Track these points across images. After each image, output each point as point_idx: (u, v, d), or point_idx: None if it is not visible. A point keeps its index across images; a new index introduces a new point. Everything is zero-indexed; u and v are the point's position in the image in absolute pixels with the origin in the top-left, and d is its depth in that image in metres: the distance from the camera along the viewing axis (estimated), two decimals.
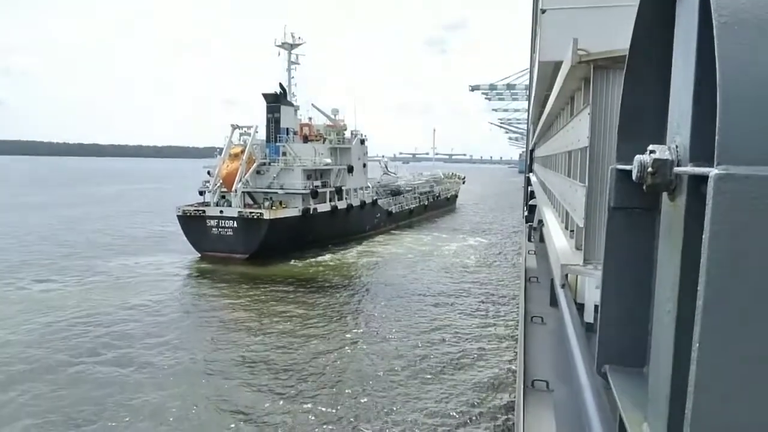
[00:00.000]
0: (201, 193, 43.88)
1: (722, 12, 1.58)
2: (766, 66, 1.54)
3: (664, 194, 2.08)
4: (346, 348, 21.73)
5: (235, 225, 39.04)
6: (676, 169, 1.92)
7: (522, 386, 6.24)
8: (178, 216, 40.71)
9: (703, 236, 1.52)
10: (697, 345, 1.52)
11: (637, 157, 2.04)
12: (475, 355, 20.87)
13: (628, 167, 2.27)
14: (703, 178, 1.60)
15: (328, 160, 49.25)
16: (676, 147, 1.98)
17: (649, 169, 1.98)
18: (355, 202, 50.24)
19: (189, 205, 41.52)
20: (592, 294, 7.23)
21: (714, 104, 1.57)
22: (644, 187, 2.04)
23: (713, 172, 1.50)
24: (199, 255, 39.66)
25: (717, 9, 1.59)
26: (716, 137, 1.52)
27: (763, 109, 1.52)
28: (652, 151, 2.01)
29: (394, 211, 57.80)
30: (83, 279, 32.46)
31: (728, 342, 1.51)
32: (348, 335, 23.43)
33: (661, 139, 2.27)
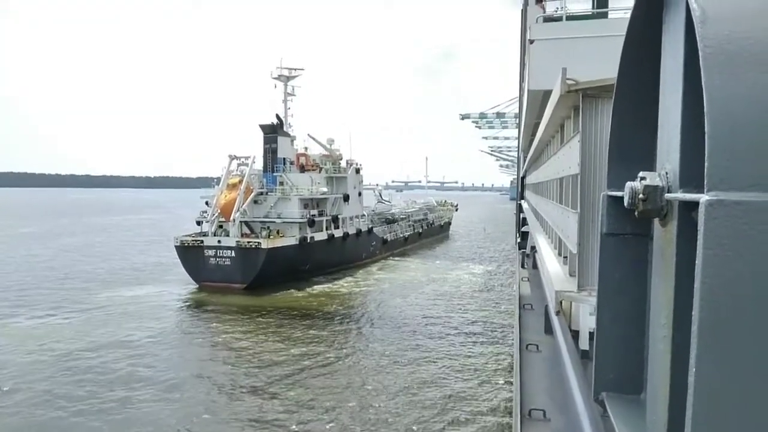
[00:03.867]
0: (198, 223, 44.03)
1: (708, 42, 1.62)
2: (752, 94, 1.57)
3: (656, 220, 2.10)
4: (347, 383, 21.36)
5: (233, 254, 38.99)
6: (667, 196, 1.93)
7: (519, 415, 6.15)
8: (176, 246, 40.65)
9: (696, 262, 1.53)
10: (694, 371, 1.52)
11: (628, 184, 2.06)
12: (475, 385, 20.64)
13: (619, 194, 2.29)
14: (694, 204, 1.62)
15: (325, 189, 49.60)
16: (666, 173, 2.00)
17: (640, 196, 2.00)
18: (351, 231, 50.35)
19: (187, 235, 41.55)
20: (586, 321, 7.18)
21: (702, 131, 1.59)
22: (636, 214, 2.06)
23: (704, 198, 1.52)
24: (197, 285, 39.45)
25: (703, 39, 1.63)
26: (705, 164, 1.54)
27: (750, 136, 1.55)
28: (642, 178, 2.04)
29: (389, 239, 57.89)
30: (78, 311, 32.01)
31: (724, 368, 1.51)
32: (349, 371, 23.05)
33: (651, 166, 2.29)
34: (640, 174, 2.05)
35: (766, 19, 1.62)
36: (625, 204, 2.08)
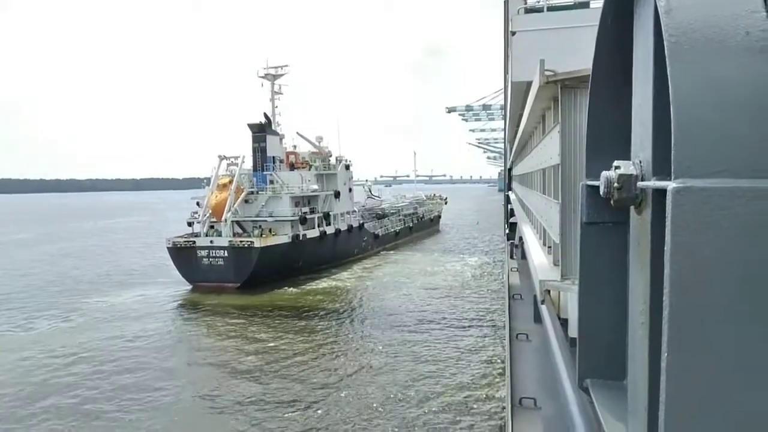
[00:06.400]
0: (189, 224, 43.80)
1: (672, 32, 1.65)
2: (716, 82, 1.60)
3: (632, 208, 2.12)
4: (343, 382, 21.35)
5: (226, 254, 38.98)
6: (640, 184, 1.96)
7: (510, 404, 6.22)
8: (168, 248, 40.53)
9: (665, 248, 1.56)
10: (665, 355, 1.55)
11: (604, 173, 2.09)
12: (471, 377, 20.80)
13: (597, 183, 2.32)
14: (665, 192, 1.65)
15: (315, 187, 49.47)
16: (640, 162, 2.03)
17: (615, 185, 2.03)
18: (343, 227, 50.41)
19: (179, 237, 41.35)
20: (575, 309, 7.25)
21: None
22: (612, 202, 2.09)
23: (671, 185, 1.55)
24: (191, 286, 39.38)
25: (667, 29, 1.65)
26: (672, 152, 1.57)
27: (715, 124, 1.57)
28: (617, 167, 2.06)
29: (380, 234, 58.02)
30: (75, 315, 31.87)
31: (694, 352, 1.54)
32: (347, 364, 23.02)
33: (627, 155, 2.33)
34: (615, 163, 2.08)
35: (729, 9, 1.65)
36: (601, 193, 2.11)
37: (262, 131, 48.24)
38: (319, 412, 18.08)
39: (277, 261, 39.55)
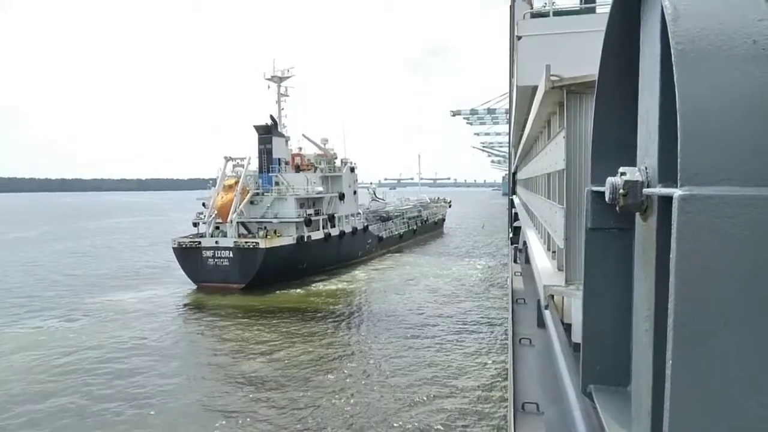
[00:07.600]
0: (195, 224, 44.08)
1: (679, 39, 1.65)
2: (723, 90, 1.60)
3: (637, 214, 2.13)
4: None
5: (231, 255, 39.14)
6: (646, 191, 1.97)
7: (512, 409, 6.22)
8: (173, 248, 40.72)
9: (670, 255, 1.57)
10: (670, 362, 1.55)
11: (609, 179, 2.09)
12: (472, 378, 20.79)
13: (602, 189, 2.32)
14: (671, 199, 1.65)
15: (320, 189, 49.60)
16: (646, 169, 2.03)
17: (621, 191, 2.03)
18: (347, 229, 50.49)
19: (184, 237, 41.58)
20: (579, 314, 7.24)
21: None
22: (617, 208, 2.09)
23: (677, 193, 1.55)
24: (196, 286, 39.55)
25: (674, 37, 1.66)
26: (678, 159, 1.57)
27: (722, 131, 1.58)
28: (622, 173, 2.07)
29: (384, 237, 58.13)
30: (79, 315, 31.95)
31: (699, 359, 1.54)
32: (350, 364, 23.03)
33: (633, 162, 2.33)
34: (620, 169, 2.08)
35: (737, 17, 1.65)
36: (607, 199, 2.11)
37: (268, 133, 48.44)
38: (323, 398, 18.39)
39: (281, 262, 39.68)
